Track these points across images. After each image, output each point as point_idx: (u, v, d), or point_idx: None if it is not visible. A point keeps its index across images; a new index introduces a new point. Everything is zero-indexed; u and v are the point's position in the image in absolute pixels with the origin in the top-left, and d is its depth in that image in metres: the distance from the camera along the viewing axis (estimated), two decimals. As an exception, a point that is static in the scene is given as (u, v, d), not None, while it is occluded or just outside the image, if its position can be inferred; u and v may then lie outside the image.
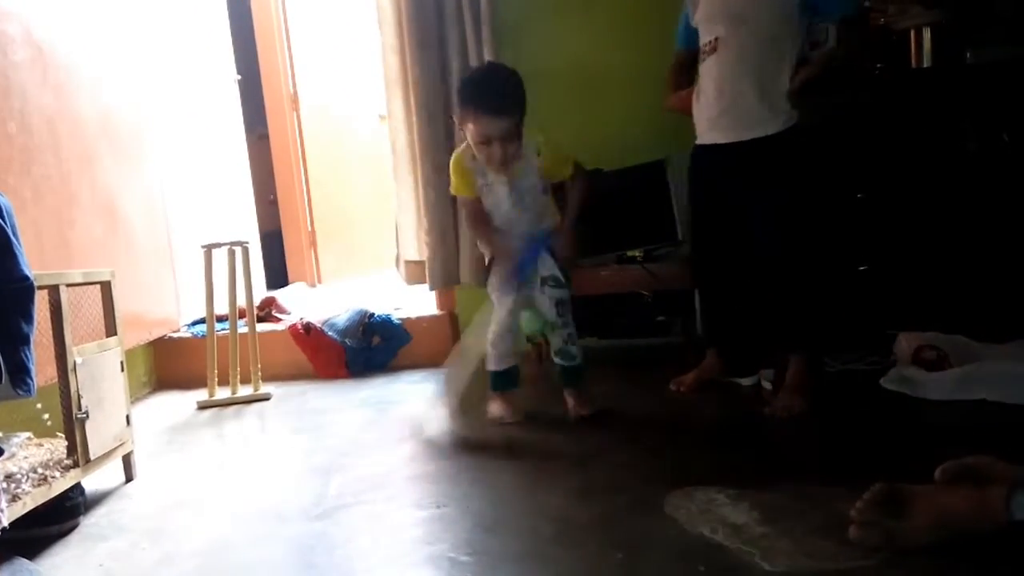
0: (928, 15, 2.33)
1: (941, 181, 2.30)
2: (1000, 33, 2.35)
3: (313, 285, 4.42)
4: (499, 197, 2.02)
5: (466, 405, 2.22)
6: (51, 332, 1.62)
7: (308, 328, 3.00)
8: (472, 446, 1.96)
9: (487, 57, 2.78)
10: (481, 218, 2.06)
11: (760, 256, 2.05)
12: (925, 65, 2.34)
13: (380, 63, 2.94)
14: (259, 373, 2.74)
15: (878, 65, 2.36)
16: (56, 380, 1.63)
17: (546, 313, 2.05)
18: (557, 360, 2.08)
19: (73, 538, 1.55)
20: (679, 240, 2.56)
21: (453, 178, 2.07)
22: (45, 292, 1.60)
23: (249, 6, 4.29)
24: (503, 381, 2.12)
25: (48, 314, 1.61)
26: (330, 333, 2.98)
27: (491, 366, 2.11)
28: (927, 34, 2.33)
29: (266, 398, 2.68)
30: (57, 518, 1.56)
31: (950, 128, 2.29)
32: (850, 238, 2.35)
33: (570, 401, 2.07)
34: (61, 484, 1.56)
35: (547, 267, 2.03)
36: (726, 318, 2.21)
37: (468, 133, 1.94)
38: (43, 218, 2.19)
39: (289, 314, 3.30)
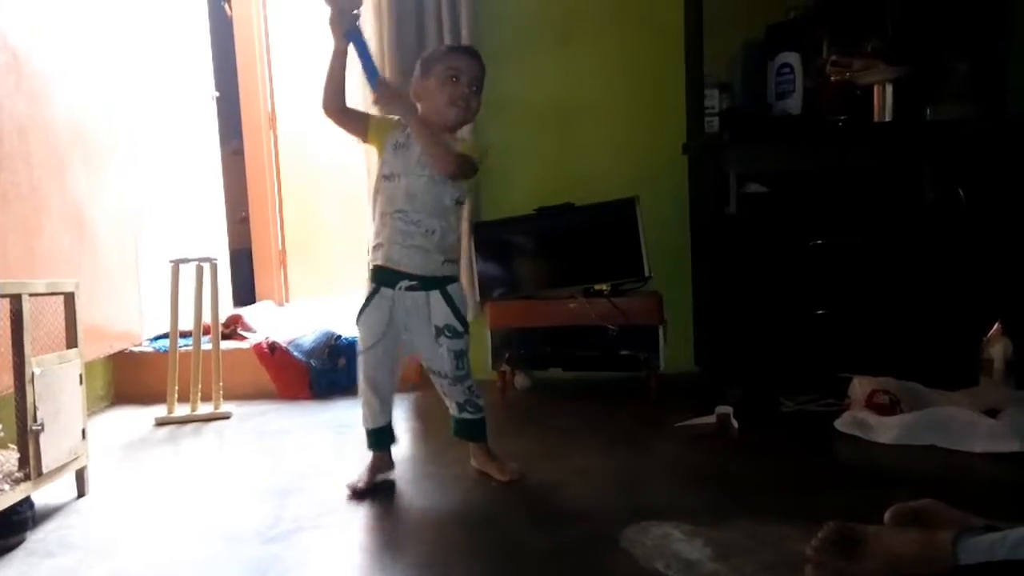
0: (890, 72, 2.44)
1: (898, 231, 2.38)
2: (958, 92, 2.47)
3: (281, 304, 4.39)
4: (408, 161, 1.79)
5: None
6: (10, 341, 1.59)
7: (273, 347, 2.98)
8: (430, 472, 1.96)
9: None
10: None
11: None
12: (886, 119, 2.44)
13: (359, 88, 2.96)
14: (221, 391, 2.71)
15: (841, 118, 2.45)
16: (12, 390, 1.60)
17: (443, 367, 1.83)
18: (461, 415, 1.88)
19: (18, 554, 1.51)
20: (646, 276, 2.61)
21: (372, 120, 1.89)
22: (6, 301, 1.58)
23: (231, 23, 4.30)
24: (379, 440, 1.91)
25: (8, 323, 1.59)
26: (295, 353, 2.96)
27: (365, 423, 1.92)
28: (889, 90, 2.44)
29: (226, 417, 2.65)
30: (3, 532, 1.53)
31: (908, 180, 2.38)
32: (809, 283, 2.41)
33: (487, 464, 1.88)
34: (10, 497, 1.52)
35: (441, 315, 1.80)
36: None
37: (433, 79, 1.81)
38: (9, 225, 2.16)
39: (255, 332, 3.27)
